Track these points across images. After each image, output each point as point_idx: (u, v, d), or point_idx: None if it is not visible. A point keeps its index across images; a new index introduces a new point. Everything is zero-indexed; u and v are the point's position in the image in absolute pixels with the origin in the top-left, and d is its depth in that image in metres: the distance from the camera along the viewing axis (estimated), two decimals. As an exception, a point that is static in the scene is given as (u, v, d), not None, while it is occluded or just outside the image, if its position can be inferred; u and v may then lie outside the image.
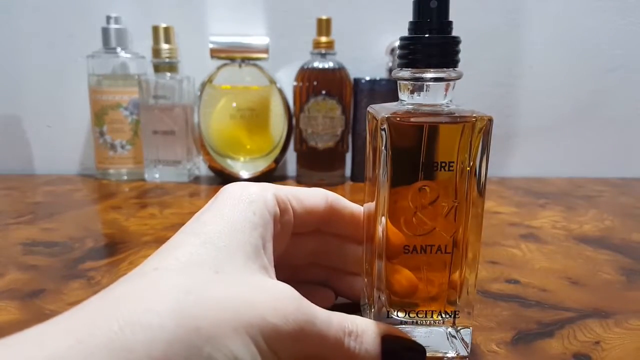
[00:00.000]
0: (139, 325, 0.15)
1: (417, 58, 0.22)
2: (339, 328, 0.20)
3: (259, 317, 0.18)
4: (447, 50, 0.22)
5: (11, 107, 0.68)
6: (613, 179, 0.68)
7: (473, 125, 0.22)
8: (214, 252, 0.20)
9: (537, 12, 0.65)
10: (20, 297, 0.30)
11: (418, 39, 0.22)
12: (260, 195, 0.23)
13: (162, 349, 0.15)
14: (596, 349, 0.24)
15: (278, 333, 0.18)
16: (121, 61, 0.63)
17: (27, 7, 0.65)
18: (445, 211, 0.22)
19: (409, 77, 0.22)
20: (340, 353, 0.20)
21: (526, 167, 0.70)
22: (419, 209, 0.22)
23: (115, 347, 0.15)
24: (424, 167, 0.22)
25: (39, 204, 0.53)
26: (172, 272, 0.18)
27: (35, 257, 0.36)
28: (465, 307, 0.24)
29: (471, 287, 0.23)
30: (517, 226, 0.46)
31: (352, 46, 0.64)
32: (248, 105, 0.63)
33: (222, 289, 0.18)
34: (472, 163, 0.22)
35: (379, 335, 0.22)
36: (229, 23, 0.66)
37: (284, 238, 0.25)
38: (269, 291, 0.19)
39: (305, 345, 0.19)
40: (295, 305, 0.19)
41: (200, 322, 0.16)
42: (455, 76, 0.22)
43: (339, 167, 0.64)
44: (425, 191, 0.22)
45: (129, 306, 0.16)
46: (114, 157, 0.64)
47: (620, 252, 0.39)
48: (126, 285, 0.18)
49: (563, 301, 0.30)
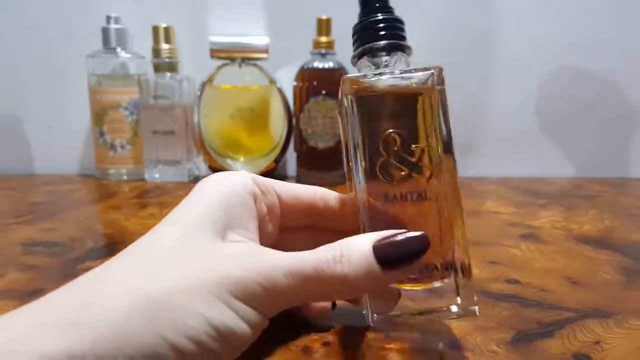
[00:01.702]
0: (97, 304, 0.16)
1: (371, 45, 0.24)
2: (315, 259, 0.19)
3: (221, 275, 0.18)
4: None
5: (11, 107, 0.68)
6: (613, 179, 0.68)
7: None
8: (181, 230, 0.20)
9: (537, 11, 0.65)
10: (20, 297, 0.30)
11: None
12: (237, 179, 0.23)
13: (119, 320, 0.16)
14: (596, 349, 0.24)
15: (247, 286, 0.18)
16: (121, 61, 0.63)
17: (27, 7, 0.65)
18: (417, 156, 0.23)
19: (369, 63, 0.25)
20: (329, 284, 0.19)
21: (526, 167, 0.70)
22: (391, 156, 0.23)
23: (73, 322, 0.15)
24: (389, 114, 0.23)
25: (39, 204, 0.53)
26: (135, 253, 0.19)
27: (35, 257, 0.36)
28: (462, 259, 0.23)
29: (463, 238, 0.23)
30: (517, 226, 0.46)
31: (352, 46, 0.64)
32: (248, 105, 0.63)
33: (181, 260, 0.19)
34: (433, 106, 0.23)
35: (367, 247, 0.20)
36: (229, 23, 0.66)
37: (273, 221, 0.25)
38: (230, 252, 0.20)
39: (283, 290, 0.19)
40: (256, 256, 0.19)
41: (155, 293, 0.17)
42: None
43: (339, 167, 0.64)
44: (394, 138, 0.23)
45: (88, 288, 0.17)
46: (114, 157, 0.64)
47: (620, 252, 0.39)
48: (91, 273, 0.18)
49: (563, 301, 0.30)
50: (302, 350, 0.23)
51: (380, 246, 0.20)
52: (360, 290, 0.21)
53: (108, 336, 0.15)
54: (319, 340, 0.24)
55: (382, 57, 0.24)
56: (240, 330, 0.18)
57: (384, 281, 0.20)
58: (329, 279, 0.19)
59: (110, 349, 0.15)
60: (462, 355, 0.23)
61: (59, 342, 0.15)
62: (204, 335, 0.17)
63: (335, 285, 0.19)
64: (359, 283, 0.19)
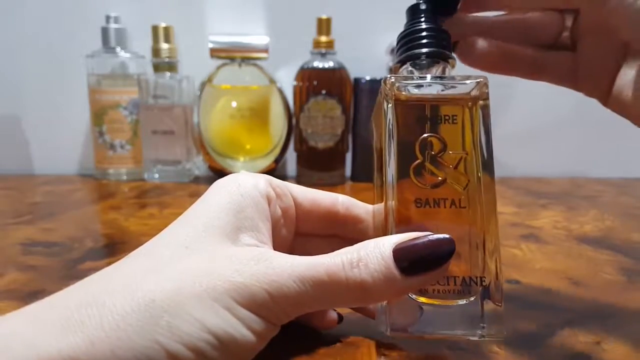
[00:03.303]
0: (94, 304, 0.16)
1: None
2: (329, 264, 0.18)
3: (225, 280, 0.17)
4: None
5: (11, 107, 0.68)
6: (613, 179, 0.67)
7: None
8: (189, 232, 0.20)
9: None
10: (20, 298, 0.30)
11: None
12: (249, 180, 0.22)
13: (114, 322, 0.16)
14: (597, 349, 0.24)
15: (252, 293, 0.17)
16: (121, 61, 0.63)
17: (27, 7, 0.65)
18: (454, 162, 0.22)
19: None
20: (344, 290, 0.18)
21: (526, 167, 0.70)
22: (427, 159, 0.22)
23: (69, 322, 0.15)
24: (428, 120, 0.22)
25: (38, 204, 0.53)
26: (140, 254, 0.19)
27: (35, 257, 0.36)
28: (492, 268, 0.21)
29: (497, 260, 0.21)
30: (517, 226, 0.46)
31: (352, 46, 0.64)
32: (248, 105, 0.63)
33: (185, 262, 0.18)
34: (474, 121, 0.22)
35: (387, 251, 0.18)
36: (228, 23, 0.66)
37: (288, 225, 0.24)
38: (238, 256, 0.19)
39: (292, 297, 0.18)
40: (265, 261, 0.18)
41: (155, 295, 0.16)
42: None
43: (339, 167, 0.64)
44: (431, 142, 0.22)
45: (89, 289, 0.17)
46: (114, 157, 0.64)
47: (620, 252, 0.38)
48: (99, 273, 0.18)
49: (563, 301, 0.29)
50: (302, 351, 0.23)
51: (402, 249, 0.18)
52: (378, 298, 0.20)
53: (102, 338, 0.15)
54: (319, 340, 0.24)
55: (425, 64, 0.24)
56: (243, 338, 0.17)
57: (405, 289, 0.19)
58: (344, 285, 0.18)
59: (104, 351, 0.15)
60: (462, 355, 0.23)
61: (56, 341, 0.15)
62: (201, 342, 0.16)
63: (352, 292, 0.18)
64: (377, 290, 0.18)
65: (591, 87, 0.25)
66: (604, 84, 0.24)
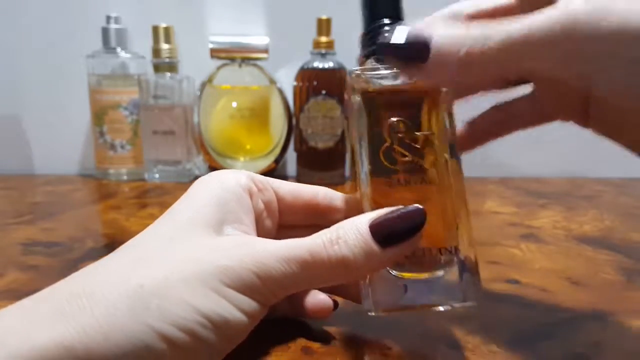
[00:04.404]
0: (84, 295, 0.16)
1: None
2: (310, 244, 0.19)
3: (213, 265, 0.18)
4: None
5: (11, 107, 0.68)
6: (613, 179, 0.68)
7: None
8: (172, 225, 0.20)
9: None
10: (20, 298, 0.29)
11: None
12: (230, 175, 0.23)
13: (105, 309, 0.16)
14: (596, 349, 0.24)
15: (240, 275, 0.18)
16: (121, 61, 0.63)
17: (27, 7, 0.65)
18: (421, 142, 0.23)
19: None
20: (327, 268, 0.19)
21: (526, 167, 0.70)
22: (396, 142, 0.23)
23: (61, 313, 0.16)
24: (395, 107, 0.23)
25: (39, 204, 0.53)
26: (127, 248, 0.20)
27: (35, 257, 0.36)
28: (466, 252, 0.22)
29: (468, 234, 0.22)
30: (517, 226, 0.46)
31: (352, 46, 0.63)
32: (248, 105, 0.63)
33: (171, 251, 0.19)
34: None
35: (364, 227, 0.19)
36: (229, 23, 0.66)
37: (271, 217, 0.25)
38: (223, 243, 0.20)
39: (278, 277, 0.19)
40: (249, 245, 0.19)
41: (144, 281, 0.17)
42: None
43: (339, 167, 0.64)
44: (398, 125, 0.23)
45: (78, 281, 0.18)
46: (114, 157, 0.64)
47: (620, 252, 0.39)
48: (88, 267, 0.19)
49: (563, 301, 0.30)
50: (302, 350, 0.23)
51: (377, 224, 0.19)
52: (360, 271, 0.20)
53: (94, 325, 0.16)
54: (319, 340, 0.24)
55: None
56: (235, 319, 0.18)
57: (384, 260, 0.20)
58: (327, 263, 0.19)
59: (97, 338, 0.15)
60: (462, 355, 0.23)
61: (48, 332, 0.15)
62: (194, 324, 0.17)
63: (334, 269, 0.19)
64: (358, 264, 0.19)
65: (569, 118, 0.26)
66: (577, 111, 0.25)
